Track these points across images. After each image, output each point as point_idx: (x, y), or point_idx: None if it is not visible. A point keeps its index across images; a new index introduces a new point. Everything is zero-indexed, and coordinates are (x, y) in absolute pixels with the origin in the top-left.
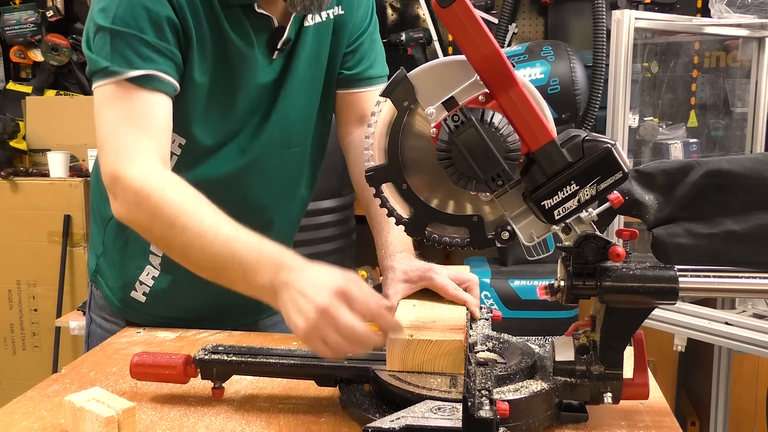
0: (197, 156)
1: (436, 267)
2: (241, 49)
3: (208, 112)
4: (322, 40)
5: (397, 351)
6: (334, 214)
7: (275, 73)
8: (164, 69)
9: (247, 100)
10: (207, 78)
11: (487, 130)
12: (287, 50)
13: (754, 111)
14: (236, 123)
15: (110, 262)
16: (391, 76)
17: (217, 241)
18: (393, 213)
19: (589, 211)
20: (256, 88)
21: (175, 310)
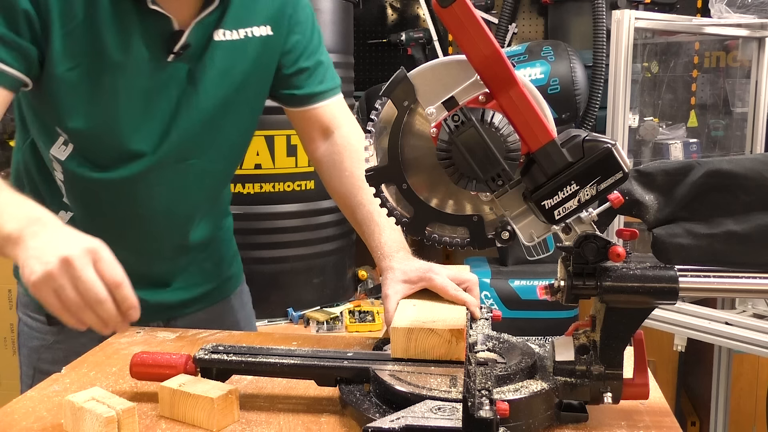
0: (84, 153)
1: (436, 267)
2: (122, 46)
3: (82, 107)
4: (236, 58)
5: (400, 339)
6: (334, 214)
7: (174, 80)
8: (6, 60)
9: (132, 101)
10: (76, 73)
11: (487, 130)
12: (192, 61)
13: (754, 111)
14: (121, 125)
15: None
16: (391, 76)
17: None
18: (393, 213)
19: (590, 211)
20: (143, 90)
21: None
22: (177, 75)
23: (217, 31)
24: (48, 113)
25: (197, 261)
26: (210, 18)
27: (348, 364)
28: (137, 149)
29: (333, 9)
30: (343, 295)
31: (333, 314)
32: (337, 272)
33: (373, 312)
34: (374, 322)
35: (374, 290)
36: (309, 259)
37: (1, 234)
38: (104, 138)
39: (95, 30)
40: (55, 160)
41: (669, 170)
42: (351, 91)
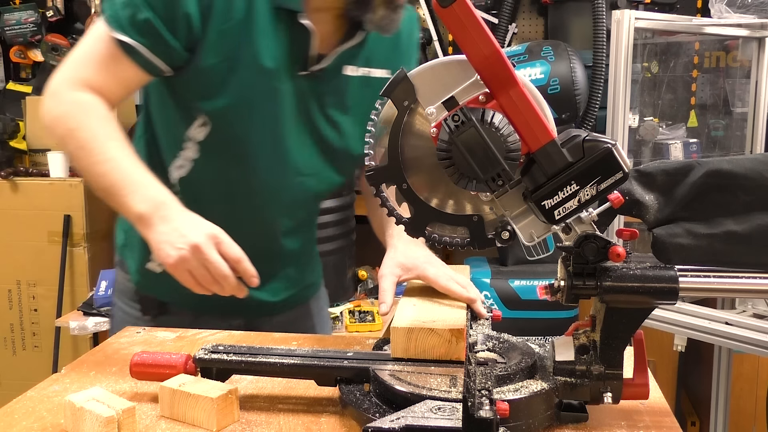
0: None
1: (435, 260)
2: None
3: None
4: (356, 93)
5: (400, 339)
6: (334, 214)
7: (302, 97)
8: (150, 46)
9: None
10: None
11: (487, 130)
12: (321, 84)
13: (754, 111)
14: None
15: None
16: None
17: (114, 171)
18: (393, 213)
19: (590, 211)
20: (275, 97)
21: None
22: (306, 93)
23: (347, 66)
24: (189, 94)
25: (285, 268)
26: (348, 51)
27: (348, 364)
28: (257, 152)
29: None
30: (343, 295)
31: (333, 314)
32: (337, 272)
33: (373, 312)
34: (374, 322)
35: (374, 290)
36: None
37: (133, 212)
38: (233, 129)
39: (250, 32)
40: (192, 140)
41: (669, 170)
42: None
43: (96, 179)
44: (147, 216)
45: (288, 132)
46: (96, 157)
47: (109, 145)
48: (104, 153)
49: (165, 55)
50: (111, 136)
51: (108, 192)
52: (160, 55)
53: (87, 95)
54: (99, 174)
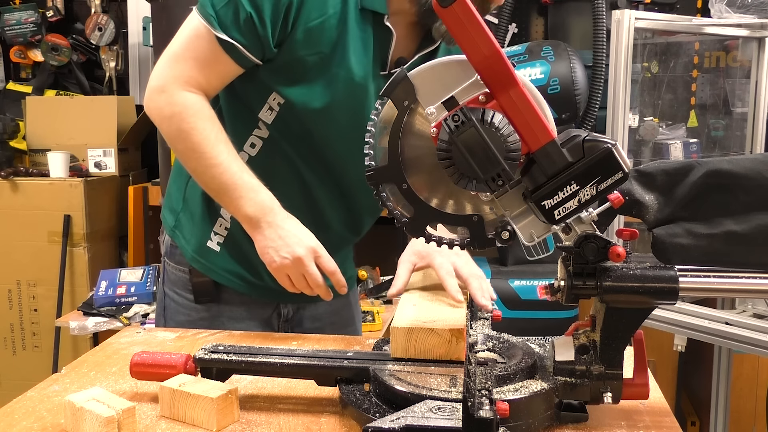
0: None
1: (446, 251)
2: (357, 48)
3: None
4: None
5: (400, 339)
6: None
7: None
8: (248, 45)
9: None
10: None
11: (487, 130)
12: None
13: (754, 111)
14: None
15: (189, 215)
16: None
17: (226, 173)
18: (393, 213)
19: (590, 211)
20: (354, 92)
21: (246, 264)
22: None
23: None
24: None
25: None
26: (423, 56)
27: (348, 363)
28: (330, 143)
29: None
30: None
31: None
32: None
33: (373, 312)
34: (374, 322)
35: (374, 290)
36: None
37: (243, 214)
38: (307, 119)
39: (342, 27)
40: (262, 122)
41: (669, 170)
42: None
43: (208, 180)
44: (255, 219)
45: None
46: (208, 160)
47: (219, 149)
48: (215, 156)
49: (259, 52)
50: (220, 139)
51: (219, 192)
52: (256, 52)
53: (194, 96)
54: (211, 176)
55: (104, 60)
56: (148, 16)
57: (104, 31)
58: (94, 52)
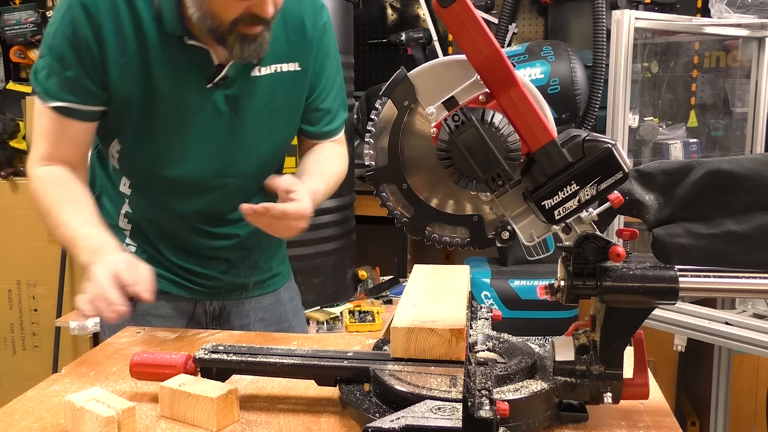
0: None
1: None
2: (169, 76)
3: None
4: (270, 91)
5: (400, 339)
6: (334, 214)
7: (214, 108)
8: (79, 100)
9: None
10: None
11: (487, 130)
12: (231, 91)
13: (754, 111)
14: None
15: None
16: (391, 76)
17: (67, 229)
18: (393, 213)
19: (590, 211)
20: (186, 115)
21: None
22: (215, 103)
23: (255, 68)
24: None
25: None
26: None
27: (348, 363)
28: (178, 167)
29: (333, 9)
30: (343, 295)
31: (333, 314)
32: (337, 272)
33: (373, 312)
34: (374, 322)
35: (374, 290)
36: (309, 259)
37: (80, 263)
38: (153, 153)
39: (146, 61)
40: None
41: (669, 170)
42: (351, 91)
43: (59, 239)
44: (88, 265)
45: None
46: (54, 221)
47: (64, 209)
48: (59, 216)
49: (94, 100)
50: (66, 200)
51: (67, 248)
52: (91, 102)
53: (46, 168)
54: (59, 235)
55: None
56: None
57: None
58: None
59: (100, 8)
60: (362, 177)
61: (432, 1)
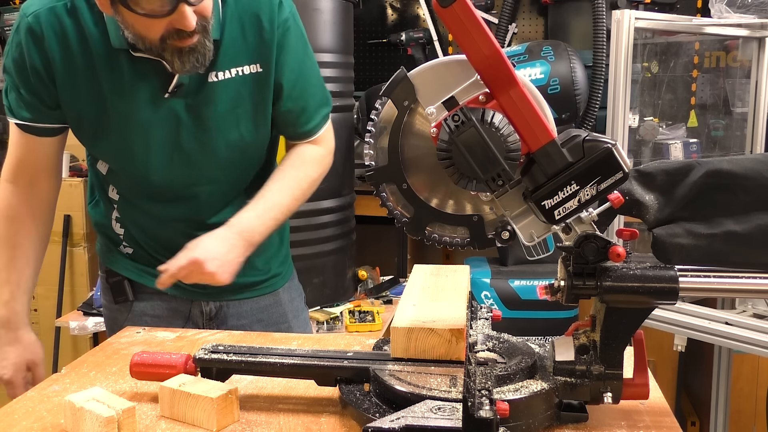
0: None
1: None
2: (120, 90)
3: (96, 142)
4: (231, 95)
5: (400, 339)
6: (334, 214)
7: (173, 116)
8: (35, 118)
9: (136, 137)
10: (85, 115)
11: (487, 130)
12: (189, 98)
13: (754, 111)
14: (130, 158)
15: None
16: (391, 76)
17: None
18: (393, 213)
19: (590, 211)
20: (145, 127)
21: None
22: (175, 112)
23: (211, 73)
24: (82, 142)
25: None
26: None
27: (348, 364)
28: (149, 176)
29: (333, 9)
30: (343, 295)
31: (333, 314)
32: (337, 272)
33: (373, 312)
34: (374, 322)
35: (374, 290)
36: (309, 259)
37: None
38: (121, 165)
39: (95, 78)
40: (100, 171)
41: (669, 170)
42: (351, 91)
43: None
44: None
45: (171, 151)
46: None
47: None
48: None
49: (49, 118)
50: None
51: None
52: (45, 120)
53: (8, 188)
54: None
55: None
56: None
57: None
58: None
59: (45, 31)
60: (362, 177)
61: (432, 1)
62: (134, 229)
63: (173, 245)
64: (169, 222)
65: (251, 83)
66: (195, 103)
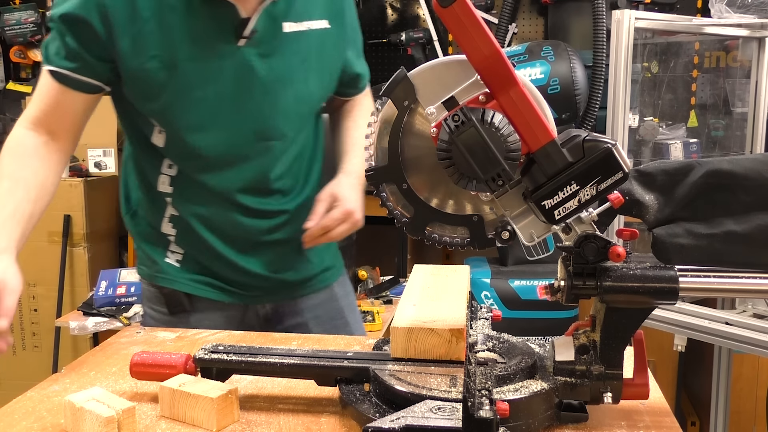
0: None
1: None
2: (192, 36)
3: (162, 94)
4: (302, 47)
5: (400, 339)
6: None
7: (246, 65)
8: (76, 70)
9: (206, 85)
10: (151, 66)
11: (487, 129)
12: (262, 47)
13: (754, 111)
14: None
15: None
16: (391, 76)
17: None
18: (393, 213)
19: (590, 211)
20: (216, 75)
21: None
22: (247, 61)
23: (285, 23)
24: (134, 103)
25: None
26: (276, 8)
27: (348, 364)
28: (218, 132)
29: None
30: None
31: None
32: None
33: (373, 312)
34: (374, 322)
35: (374, 290)
36: None
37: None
38: (186, 122)
39: (165, 25)
40: (157, 148)
41: (669, 170)
42: None
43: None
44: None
45: (243, 101)
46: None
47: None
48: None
49: (92, 73)
50: (7, 174)
51: None
52: (88, 74)
53: (24, 133)
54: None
55: None
56: None
57: None
58: None
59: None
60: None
61: (432, 1)
62: (190, 219)
63: (230, 228)
64: (231, 193)
65: (320, 38)
66: (267, 52)
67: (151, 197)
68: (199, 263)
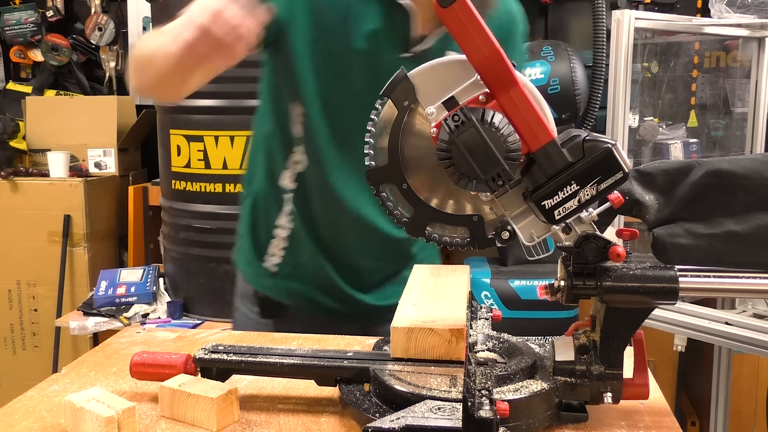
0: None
1: None
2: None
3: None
4: None
5: (400, 339)
6: None
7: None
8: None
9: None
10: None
11: (487, 130)
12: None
13: (754, 111)
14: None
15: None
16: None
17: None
18: (393, 213)
19: (590, 211)
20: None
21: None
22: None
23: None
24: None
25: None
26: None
27: (348, 363)
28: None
29: None
30: None
31: None
32: None
33: None
34: None
35: None
36: None
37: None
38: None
39: (344, 11)
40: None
41: (669, 170)
42: None
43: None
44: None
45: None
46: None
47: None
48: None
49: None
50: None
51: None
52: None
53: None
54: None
55: (104, 60)
56: (148, 16)
57: (104, 31)
58: (94, 52)
59: None
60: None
61: (432, 1)
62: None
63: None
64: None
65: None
66: None
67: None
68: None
